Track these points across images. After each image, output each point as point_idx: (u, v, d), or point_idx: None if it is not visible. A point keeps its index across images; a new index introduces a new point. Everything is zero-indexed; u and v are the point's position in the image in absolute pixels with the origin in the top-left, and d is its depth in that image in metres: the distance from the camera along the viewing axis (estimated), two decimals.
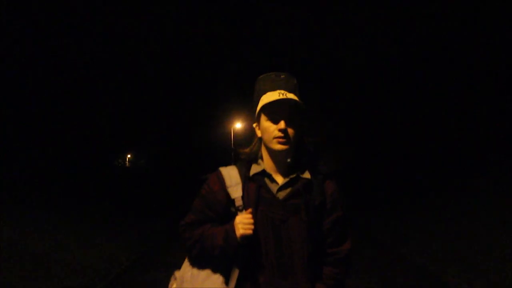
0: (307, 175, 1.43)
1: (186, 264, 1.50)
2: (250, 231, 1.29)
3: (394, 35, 14.38)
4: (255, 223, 1.32)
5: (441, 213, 7.48)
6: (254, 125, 1.49)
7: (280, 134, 1.35)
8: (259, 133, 1.46)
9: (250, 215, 1.31)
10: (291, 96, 1.37)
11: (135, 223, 8.73)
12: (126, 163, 39.37)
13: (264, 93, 1.43)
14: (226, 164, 1.52)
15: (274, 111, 1.37)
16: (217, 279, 1.38)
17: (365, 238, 6.94)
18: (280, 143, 1.36)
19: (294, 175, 1.42)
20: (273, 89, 1.42)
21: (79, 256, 5.52)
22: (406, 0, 14.35)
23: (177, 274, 1.49)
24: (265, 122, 1.40)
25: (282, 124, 1.35)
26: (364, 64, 15.32)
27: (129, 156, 41.89)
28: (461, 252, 5.21)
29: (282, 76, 1.44)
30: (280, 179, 1.42)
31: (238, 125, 27.11)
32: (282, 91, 1.39)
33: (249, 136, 1.56)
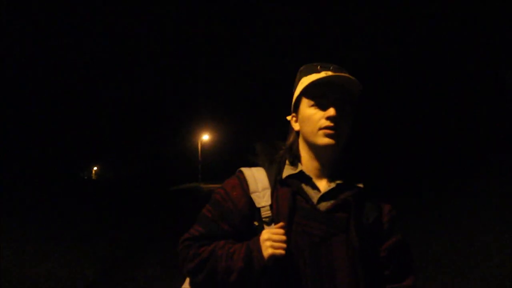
0: (359, 182, 1.11)
1: None
2: (282, 251, 0.97)
3: (394, 35, 14.38)
4: (287, 241, 0.99)
5: (441, 213, 7.47)
6: (289, 117, 1.18)
7: (328, 123, 1.04)
8: (296, 126, 1.15)
9: (282, 230, 0.99)
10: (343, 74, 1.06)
11: (102, 234, 8.28)
12: (92, 175, 39.39)
13: (305, 75, 1.13)
14: (195, 175, 1.14)
15: (321, 94, 1.07)
16: None
17: None
18: (328, 135, 1.05)
19: (342, 181, 1.09)
20: (317, 72, 1.11)
21: (42, 269, 5.30)
22: (406, 0, 14.35)
23: None
24: (308, 109, 1.09)
25: (331, 111, 1.04)
26: (364, 64, 15.31)
27: (95, 168, 41.90)
28: (461, 253, 5.21)
29: (331, 67, 1.14)
30: (323, 185, 1.10)
31: (205, 137, 27.13)
32: (329, 72, 1.09)
33: (288, 130, 1.21)
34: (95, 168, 42.06)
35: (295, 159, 1.13)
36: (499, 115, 10.91)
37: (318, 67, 1.12)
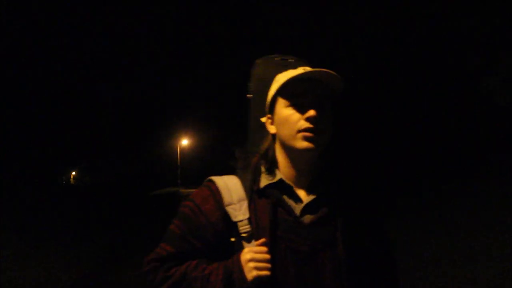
0: (343, 190, 1.02)
1: None
2: (267, 272, 0.89)
3: (394, 35, 14.38)
4: (272, 260, 0.91)
5: (441, 213, 7.47)
6: (264, 119, 1.05)
7: (308, 125, 0.93)
8: (272, 129, 1.03)
9: (265, 248, 0.91)
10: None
11: (78, 240, 8.09)
12: (70, 180, 39.23)
13: (275, 74, 1.02)
14: (174, 179, 0.99)
15: (298, 93, 0.96)
16: None
17: None
18: (307, 139, 0.94)
19: (325, 189, 0.99)
20: (293, 67, 1.00)
21: (16, 276, 5.23)
22: (406, 0, 14.36)
23: None
24: (285, 110, 0.97)
25: (311, 112, 0.93)
26: (364, 64, 15.32)
27: (74, 173, 41.73)
28: (461, 253, 5.21)
29: (290, 60, 1.04)
30: (304, 194, 0.99)
31: (184, 142, 27.09)
32: (306, 67, 0.99)
33: (256, 133, 1.10)
34: (73, 173, 41.80)
35: (272, 166, 1.01)
36: (499, 115, 10.91)
37: (280, 59, 1.02)
